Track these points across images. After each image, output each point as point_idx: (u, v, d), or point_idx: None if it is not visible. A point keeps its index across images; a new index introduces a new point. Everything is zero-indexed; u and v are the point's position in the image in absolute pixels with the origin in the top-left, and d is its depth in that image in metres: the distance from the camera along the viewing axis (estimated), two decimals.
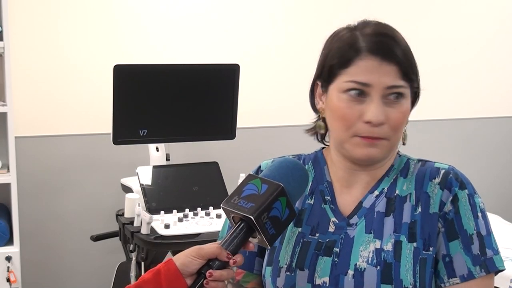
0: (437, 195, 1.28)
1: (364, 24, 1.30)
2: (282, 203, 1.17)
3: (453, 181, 1.28)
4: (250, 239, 1.18)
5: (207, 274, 1.14)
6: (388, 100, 1.24)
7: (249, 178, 1.20)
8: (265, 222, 1.15)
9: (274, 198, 1.16)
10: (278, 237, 1.19)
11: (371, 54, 1.24)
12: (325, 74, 1.30)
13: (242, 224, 1.16)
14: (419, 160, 1.36)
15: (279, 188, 1.16)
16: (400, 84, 1.24)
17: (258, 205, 1.14)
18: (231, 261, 1.14)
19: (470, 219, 1.26)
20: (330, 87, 1.29)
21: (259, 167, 1.44)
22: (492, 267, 1.26)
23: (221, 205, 1.19)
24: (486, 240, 1.27)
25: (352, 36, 1.27)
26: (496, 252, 1.28)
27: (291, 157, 1.39)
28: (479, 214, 1.28)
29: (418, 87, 1.32)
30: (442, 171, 1.30)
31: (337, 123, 1.28)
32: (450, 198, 1.27)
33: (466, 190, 1.28)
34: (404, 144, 1.35)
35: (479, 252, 1.25)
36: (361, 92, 1.24)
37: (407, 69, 1.25)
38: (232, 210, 1.16)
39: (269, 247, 1.19)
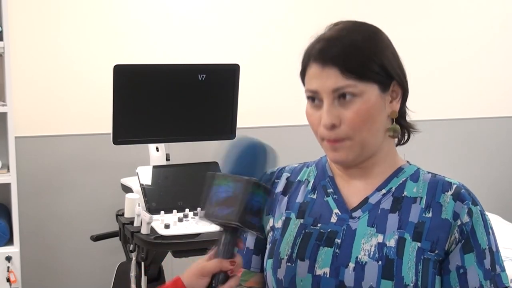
0: (449, 204, 1.29)
1: (332, 26, 1.32)
2: (260, 193, 1.16)
3: (466, 196, 1.30)
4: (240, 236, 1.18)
5: None
6: (341, 101, 1.25)
7: (215, 179, 1.16)
8: (250, 220, 1.14)
9: (251, 194, 1.14)
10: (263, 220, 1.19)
11: (314, 61, 1.28)
12: (302, 82, 1.34)
13: (228, 230, 1.16)
14: (428, 172, 1.36)
15: (251, 182, 1.14)
16: (344, 84, 1.24)
17: (238, 209, 1.13)
18: (229, 272, 1.17)
19: (483, 234, 1.28)
20: None
21: (264, 173, 1.39)
22: (500, 283, 1.29)
23: (200, 218, 1.18)
24: (496, 256, 1.30)
25: (311, 43, 1.31)
26: (503, 269, 1.31)
27: (296, 164, 1.45)
28: (490, 231, 1.30)
29: (390, 78, 1.28)
30: (454, 186, 1.31)
31: (311, 129, 1.32)
32: (466, 210, 1.28)
33: (478, 207, 1.30)
34: (393, 137, 1.34)
35: (490, 267, 1.28)
36: (316, 99, 1.28)
37: (350, 67, 1.24)
38: (214, 220, 1.15)
39: (262, 236, 1.20)
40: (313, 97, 1.29)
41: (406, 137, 1.39)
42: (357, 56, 1.25)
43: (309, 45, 1.31)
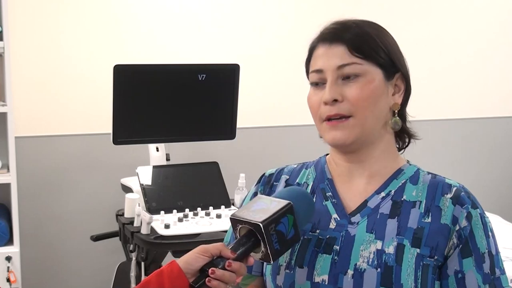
0: (448, 208, 1.28)
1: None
2: (289, 221, 1.19)
3: (466, 199, 1.29)
4: (252, 254, 1.20)
5: (210, 271, 1.14)
6: (344, 81, 1.27)
7: (258, 198, 1.25)
8: (271, 234, 1.17)
9: (283, 213, 1.18)
10: (281, 256, 1.21)
11: (321, 42, 1.30)
12: (306, 73, 1.35)
13: (249, 235, 1.18)
14: (429, 173, 1.36)
15: (288, 205, 1.19)
16: (350, 61, 1.26)
17: (267, 216, 1.17)
18: (226, 263, 1.16)
19: (482, 238, 1.27)
20: None
21: (263, 174, 1.46)
22: (499, 286, 1.28)
23: (230, 217, 1.21)
24: (495, 259, 1.29)
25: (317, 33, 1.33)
26: (503, 272, 1.30)
27: (295, 165, 1.45)
28: (490, 234, 1.29)
29: (394, 67, 1.30)
30: (454, 188, 1.30)
31: (311, 114, 1.33)
32: (465, 215, 1.27)
33: (478, 210, 1.29)
34: (393, 129, 1.33)
35: (489, 271, 1.27)
36: (320, 79, 1.29)
37: (358, 45, 1.26)
38: (241, 219, 1.18)
39: (272, 262, 1.20)
40: (317, 82, 1.30)
41: (406, 142, 1.39)
42: (366, 39, 1.27)
43: (315, 35, 1.33)
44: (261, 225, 1.15)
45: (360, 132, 1.27)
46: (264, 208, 1.19)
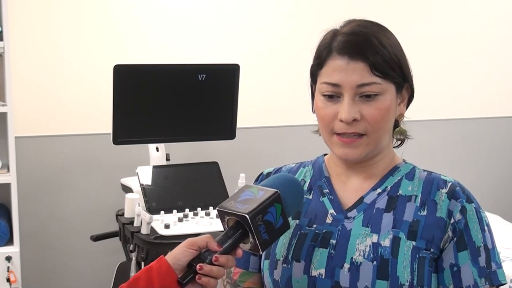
0: (444, 202, 1.29)
1: (347, 23, 1.31)
2: (277, 210, 1.18)
3: (460, 193, 1.30)
4: (242, 245, 1.19)
5: (198, 267, 1.14)
6: (363, 98, 1.25)
7: (246, 187, 1.22)
8: (259, 224, 1.15)
9: (270, 203, 1.17)
10: (270, 245, 1.20)
11: (339, 54, 1.25)
12: (311, 75, 1.33)
13: (237, 227, 1.17)
14: (424, 170, 1.37)
15: (275, 194, 1.18)
16: (371, 81, 1.24)
17: (253, 207, 1.16)
18: (213, 258, 1.15)
19: (478, 232, 1.28)
20: (316, 88, 1.31)
21: (261, 173, 1.46)
22: (495, 280, 1.28)
23: (216, 208, 1.20)
24: (492, 253, 1.29)
25: (330, 36, 1.29)
26: (500, 266, 1.30)
27: (293, 164, 1.45)
28: (486, 228, 1.30)
29: (404, 80, 1.30)
30: (449, 184, 1.32)
31: (319, 123, 1.32)
32: (459, 208, 1.28)
33: (473, 204, 1.30)
34: (399, 139, 1.36)
35: (485, 265, 1.27)
36: (334, 92, 1.26)
37: (379, 64, 1.24)
38: (227, 210, 1.17)
39: (261, 253, 1.19)
40: (329, 90, 1.26)
41: (400, 140, 1.40)
42: (384, 54, 1.25)
43: (326, 38, 1.29)
44: (247, 216, 1.14)
45: (372, 149, 1.29)
46: (251, 198, 1.18)
